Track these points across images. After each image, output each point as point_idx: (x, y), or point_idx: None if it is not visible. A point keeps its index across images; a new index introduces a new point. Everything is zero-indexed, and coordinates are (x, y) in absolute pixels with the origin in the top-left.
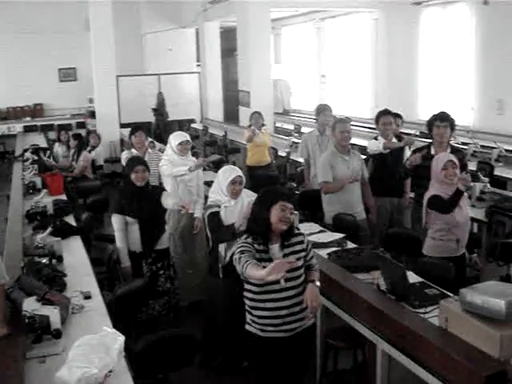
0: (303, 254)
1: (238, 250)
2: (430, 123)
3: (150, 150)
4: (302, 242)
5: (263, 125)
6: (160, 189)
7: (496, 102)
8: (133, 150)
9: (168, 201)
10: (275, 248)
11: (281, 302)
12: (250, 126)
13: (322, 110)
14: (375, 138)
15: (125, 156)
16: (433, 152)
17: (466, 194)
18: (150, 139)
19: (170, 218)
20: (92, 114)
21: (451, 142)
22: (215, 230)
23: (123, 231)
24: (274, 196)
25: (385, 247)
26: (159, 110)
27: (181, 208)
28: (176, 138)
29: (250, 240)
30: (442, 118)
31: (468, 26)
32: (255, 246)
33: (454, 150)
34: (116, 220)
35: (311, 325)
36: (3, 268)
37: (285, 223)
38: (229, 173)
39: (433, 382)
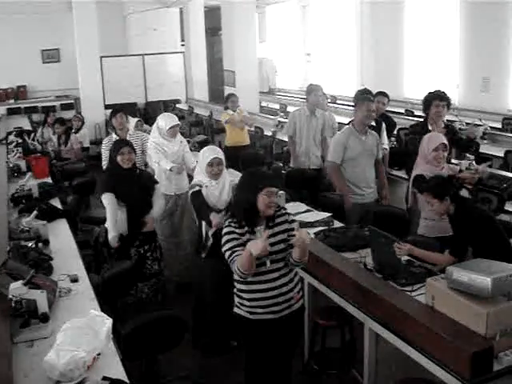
0: (286, 234)
1: (226, 245)
2: (428, 101)
3: (130, 132)
4: (285, 222)
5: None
6: (152, 179)
7: (481, 80)
8: (113, 134)
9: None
10: (260, 229)
11: (268, 283)
12: (226, 108)
13: (313, 90)
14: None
15: (104, 143)
16: (430, 128)
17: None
18: (137, 119)
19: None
20: None
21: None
22: (198, 209)
23: (114, 205)
24: (259, 182)
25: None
26: None
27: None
28: (167, 121)
29: (233, 226)
30: (442, 98)
31: (453, 4)
32: (238, 231)
33: (447, 127)
34: (107, 197)
35: (300, 307)
36: None
37: (272, 208)
38: (207, 154)
39: (420, 359)
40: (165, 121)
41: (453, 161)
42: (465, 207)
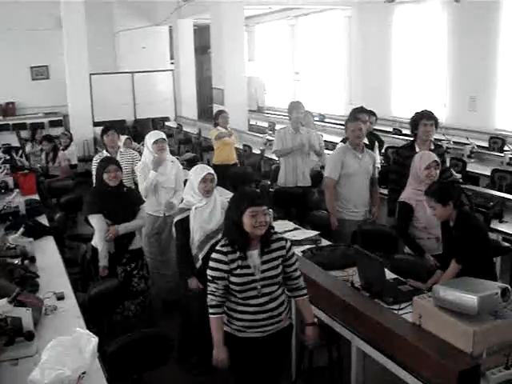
0: (281, 260)
1: (209, 272)
2: (416, 121)
3: (121, 149)
4: (282, 248)
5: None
6: (138, 198)
7: (468, 99)
8: (104, 151)
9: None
10: (254, 254)
11: (259, 307)
12: (216, 124)
13: (295, 107)
14: (345, 139)
15: (95, 160)
16: (417, 149)
17: None
18: (126, 136)
19: (146, 220)
20: None
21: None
22: (178, 243)
23: (104, 231)
24: (241, 204)
25: (358, 244)
26: None
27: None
28: (151, 137)
29: (224, 251)
30: (429, 117)
31: (440, 24)
32: (229, 256)
33: (436, 146)
34: (96, 220)
35: (288, 325)
36: None
37: (259, 228)
38: (199, 171)
39: (407, 378)
40: (149, 137)
41: None
42: (465, 214)
